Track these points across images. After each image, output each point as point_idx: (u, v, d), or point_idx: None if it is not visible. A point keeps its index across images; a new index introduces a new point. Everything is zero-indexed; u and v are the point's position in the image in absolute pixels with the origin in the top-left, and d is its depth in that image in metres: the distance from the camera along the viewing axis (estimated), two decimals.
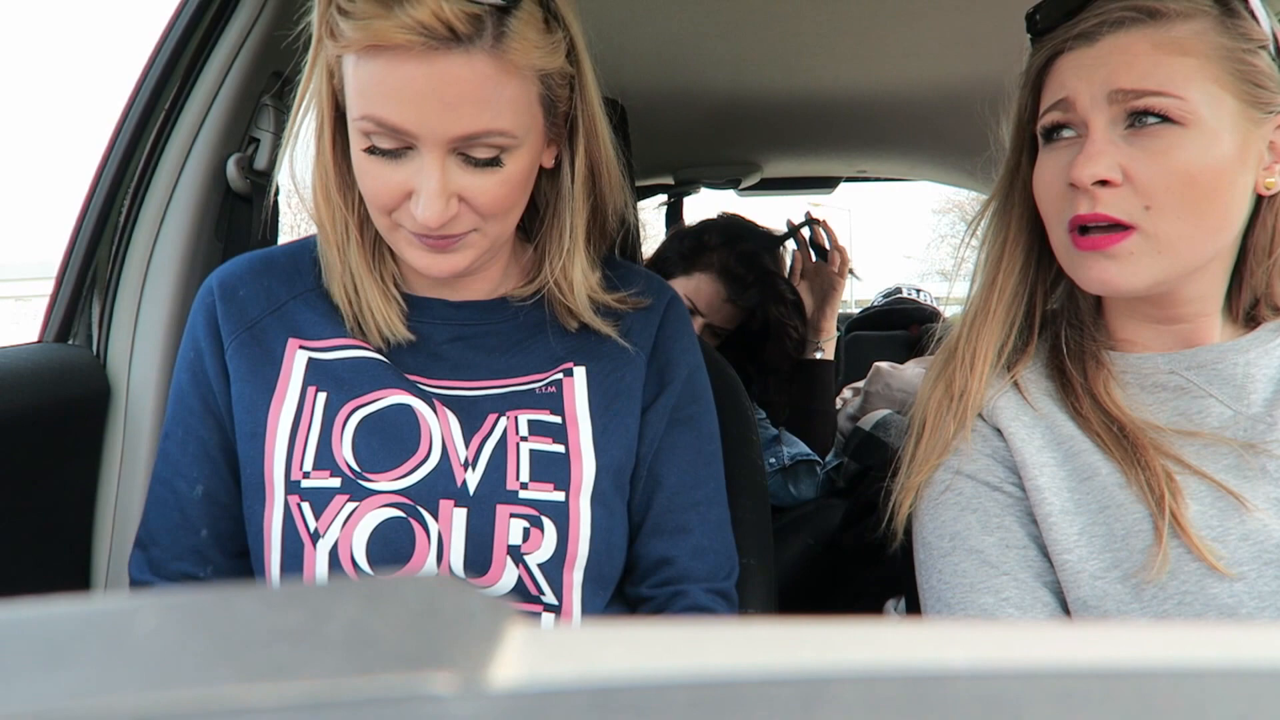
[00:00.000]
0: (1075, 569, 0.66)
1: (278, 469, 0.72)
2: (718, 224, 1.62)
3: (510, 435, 0.74)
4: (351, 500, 0.70)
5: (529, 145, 0.69)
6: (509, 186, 0.68)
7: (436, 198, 0.65)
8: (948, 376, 0.75)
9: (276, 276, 0.79)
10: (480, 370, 0.77)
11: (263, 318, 0.76)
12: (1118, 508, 0.66)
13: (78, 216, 1.04)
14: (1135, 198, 0.64)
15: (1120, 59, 0.64)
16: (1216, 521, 0.63)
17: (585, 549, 0.73)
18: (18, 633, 0.16)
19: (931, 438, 0.75)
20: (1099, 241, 0.65)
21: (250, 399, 0.74)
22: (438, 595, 0.16)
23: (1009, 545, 0.69)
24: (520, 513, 0.71)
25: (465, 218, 0.68)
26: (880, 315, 2.47)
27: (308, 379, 0.74)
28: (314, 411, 0.73)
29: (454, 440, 0.73)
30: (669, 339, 0.83)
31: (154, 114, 1.04)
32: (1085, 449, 0.69)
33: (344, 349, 0.75)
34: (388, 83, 0.63)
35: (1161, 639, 0.16)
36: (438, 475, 0.71)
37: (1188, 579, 0.62)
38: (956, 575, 0.70)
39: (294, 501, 0.71)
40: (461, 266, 0.71)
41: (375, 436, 0.72)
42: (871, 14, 1.37)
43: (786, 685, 0.14)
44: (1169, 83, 0.63)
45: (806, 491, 1.46)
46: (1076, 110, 0.67)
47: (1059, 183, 0.68)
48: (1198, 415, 0.68)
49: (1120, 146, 0.64)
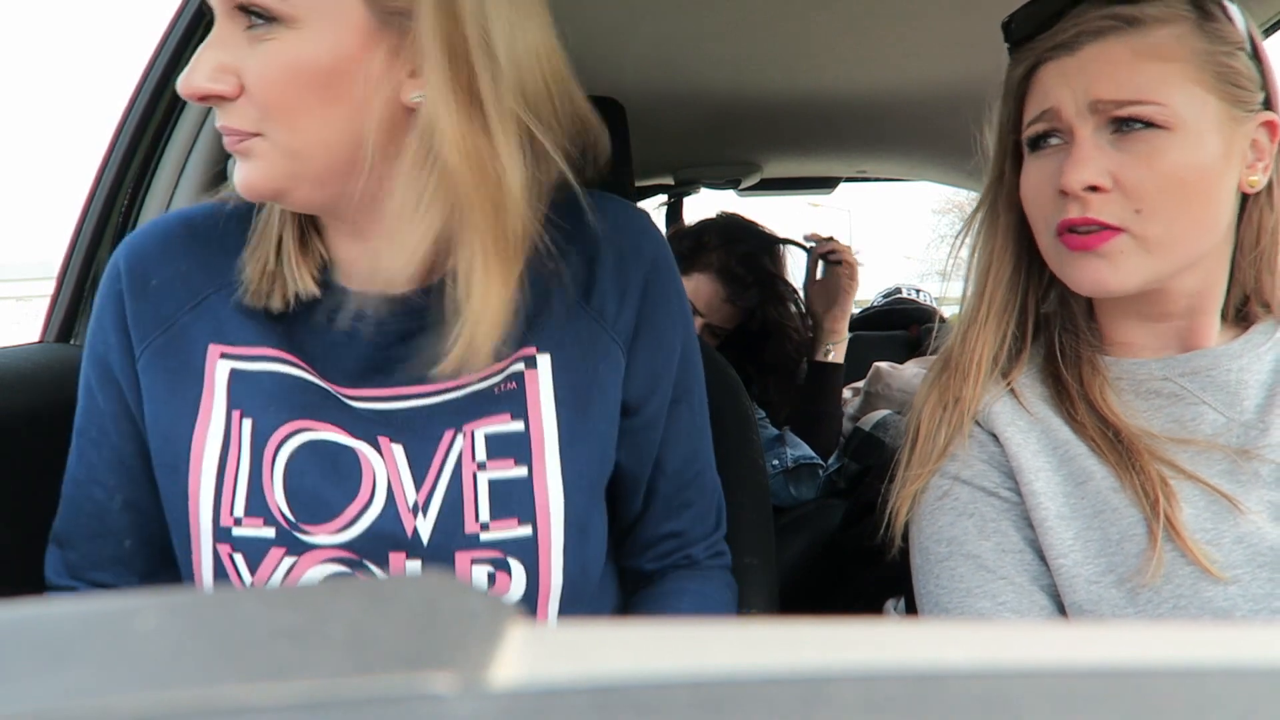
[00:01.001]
0: (1071, 573, 0.66)
1: (204, 512, 0.63)
2: (717, 224, 1.62)
3: (466, 464, 0.64)
4: (289, 554, 0.62)
5: (318, 27, 0.56)
6: (285, 72, 0.56)
7: (205, 50, 0.57)
8: (943, 383, 0.76)
9: (197, 256, 0.67)
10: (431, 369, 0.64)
11: (179, 315, 0.66)
12: (1112, 512, 0.66)
13: (79, 217, 1.04)
14: (1125, 202, 0.65)
15: (1101, 68, 0.65)
16: (1210, 525, 0.64)
17: (559, 581, 0.65)
18: (18, 633, 0.16)
19: (927, 444, 0.75)
20: (1089, 241, 0.66)
21: (168, 425, 0.65)
22: (438, 595, 0.16)
23: (1005, 550, 0.69)
24: (483, 557, 0.63)
25: (244, 107, 0.57)
26: (880, 315, 2.46)
27: (232, 400, 0.64)
28: (241, 441, 0.64)
29: (401, 481, 0.64)
30: (655, 319, 0.70)
31: (155, 114, 1.04)
32: (1080, 453, 0.69)
33: (269, 360, 0.65)
34: None
35: (1161, 639, 0.16)
36: (384, 523, 0.63)
37: (1182, 583, 0.62)
38: (953, 580, 0.70)
39: (224, 551, 0.63)
40: (258, 182, 0.59)
41: (309, 477, 0.63)
42: (871, 14, 1.37)
43: (786, 685, 0.14)
44: (1150, 90, 0.64)
45: (807, 493, 1.47)
46: (1062, 119, 0.67)
47: (1047, 189, 0.68)
48: (1191, 422, 0.69)
49: (1107, 152, 0.65)
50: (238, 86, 0.57)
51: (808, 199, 3.99)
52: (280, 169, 0.58)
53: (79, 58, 55.00)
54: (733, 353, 1.52)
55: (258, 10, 0.56)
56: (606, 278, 0.69)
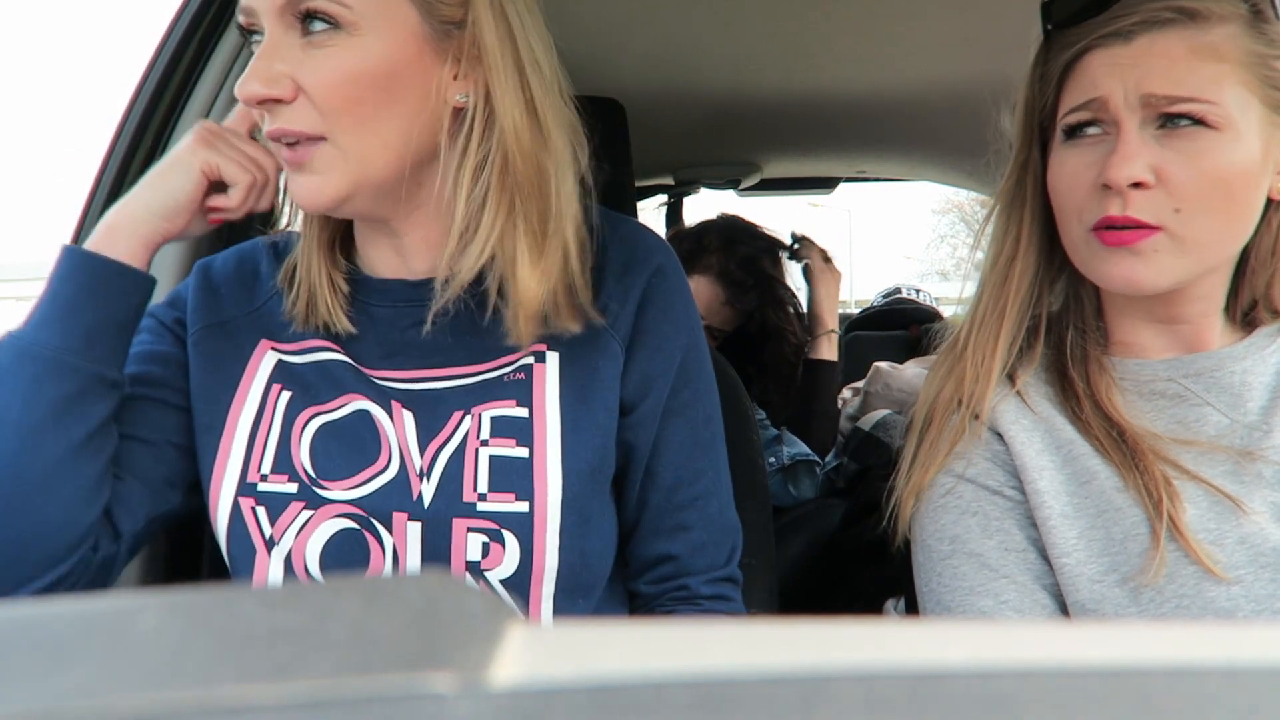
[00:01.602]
0: (1074, 572, 0.66)
1: (231, 468, 0.68)
2: (717, 225, 1.62)
3: (470, 440, 0.68)
4: (307, 508, 0.67)
5: (378, 34, 0.60)
6: (348, 76, 0.60)
7: (260, 58, 0.60)
8: (957, 376, 0.74)
9: (262, 274, 0.75)
10: (449, 355, 0.70)
11: (238, 317, 0.73)
12: (1116, 511, 0.66)
13: (78, 217, 1.04)
14: (1166, 200, 0.64)
15: (1157, 62, 0.64)
16: (1214, 525, 0.64)
17: (554, 562, 0.67)
18: (18, 633, 0.16)
19: (937, 438, 0.74)
20: (1126, 238, 0.64)
21: (211, 391, 0.71)
22: (438, 595, 0.16)
23: (1008, 549, 0.69)
24: (478, 526, 0.66)
25: (303, 110, 0.61)
26: (880, 315, 2.47)
27: (273, 379, 0.71)
28: (275, 412, 0.70)
29: (409, 447, 0.68)
30: (654, 320, 0.73)
31: (155, 114, 1.04)
32: (1084, 453, 0.69)
33: (314, 351, 0.71)
34: None
35: (1161, 639, 0.16)
36: (394, 486, 0.67)
37: (1185, 583, 0.62)
38: (956, 579, 0.70)
39: (247, 504, 0.67)
40: (326, 193, 0.63)
41: (334, 442, 0.68)
42: (871, 14, 1.37)
43: (786, 685, 0.14)
44: (1205, 89, 0.63)
45: (806, 491, 1.47)
46: (1109, 110, 0.66)
47: (1084, 181, 0.67)
48: (1195, 423, 0.68)
49: (1152, 148, 0.64)
50: (294, 90, 0.61)
51: (808, 199, 4.00)
52: (347, 175, 0.63)
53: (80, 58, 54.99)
54: (732, 354, 1.53)
55: (322, 17, 0.59)
56: (612, 279, 0.73)
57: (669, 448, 0.74)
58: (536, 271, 0.65)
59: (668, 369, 0.74)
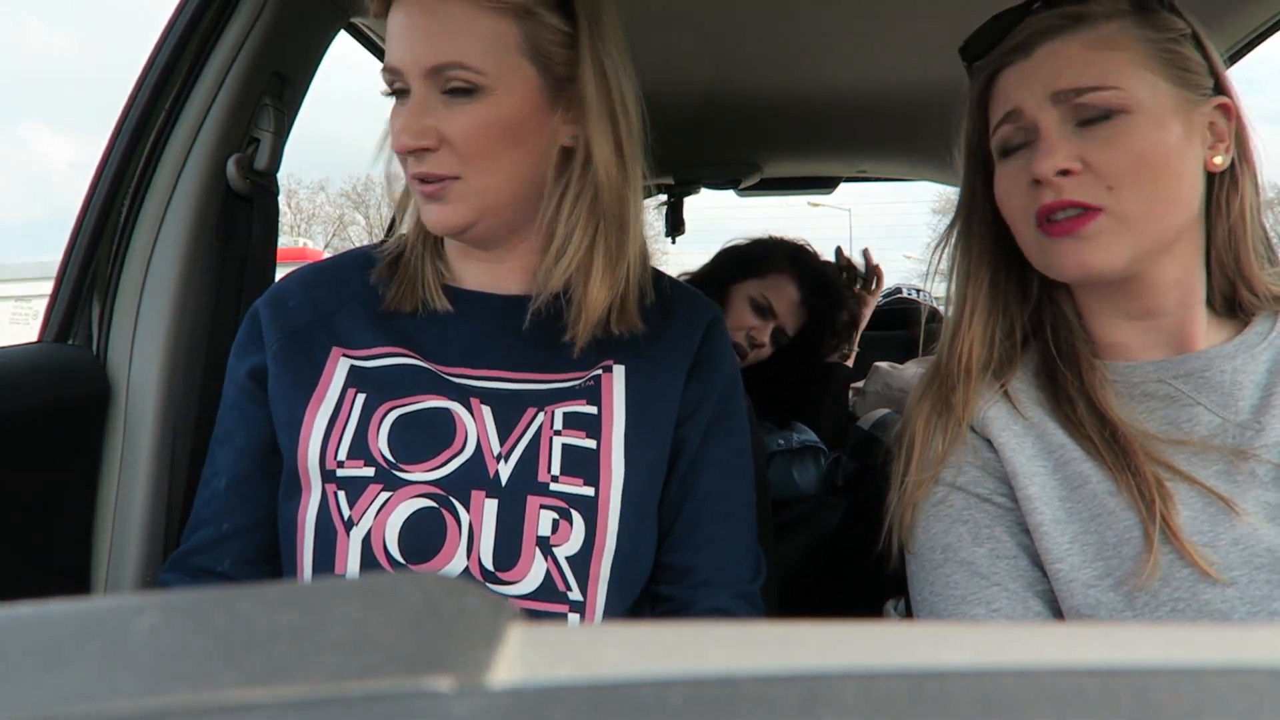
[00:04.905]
0: (1068, 578, 0.66)
1: (312, 457, 0.74)
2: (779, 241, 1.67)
3: (545, 430, 0.76)
4: (385, 490, 0.72)
5: (508, 92, 0.72)
6: (483, 128, 0.71)
7: (410, 115, 0.71)
8: (934, 393, 0.77)
9: (324, 288, 0.82)
10: (528, 364, 0.79)
11: (309, 327, 0.79)
12: (1109, 515, 0.66)
13: (78, 216, 1.04)
14: (1096, 181, 0.67)
15: (1057, 63, 0.69)
16: (1207, 527, 0.63)
17: (612, 545, 0.74)
18: (18, 633, 0.16)
19: (924, 454, 0.75)
20: (1070, 225, 0.67)
21: (289, 393, 0.77)
22: (438, 595, 0.16)
23: (999, 556, 0.69)
24: (550, 504, 0.73)
25: (445, 156, 0.72)
26: (880, 315, 2.46)
27: (348, 383, 0.77)
28: (351, 409, 0.75)
29: (488, 436, 0.75)
30: (710, 353, 0.84)
31: (154, 114, 1.04)
32: (1076, 457, 0.69)
33: (387, 357, 0.78)
34: (394, 29, 0.73)
35: (1161, 639, 0.16)
36: (471, 466, 0.73)
37: (1180, 585, 0.62)
38: (948, 587, 0.70)
39: (330, 489, 0.73)
40: (454, 221, 0.74)
41: (410, 431, 0.74)
42: (871, 14, 1.37)
43: (786, 685, 0.14)
44: (1105, 76, 0.67)
45: (808, 481, 1.48)
46: (1025, 117, 0.70)
47: (1021, 184, 0.70)
48: (1187, 424, 0.68)
49: (1073, 140, 0.68)
50: (438, 139, 0.72)
51: (808, 199, 4.00)
52: (474, 206, 0.74)
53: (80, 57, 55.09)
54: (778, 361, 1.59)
55: (462, 84, 0.71)
56: (682, 316, 0.85)
57: (706, 464, 0.82)
58: (605, 284, 0.77)
59: (715, 394, 0.83)
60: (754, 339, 1.55)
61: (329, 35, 1.21)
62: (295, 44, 1.14)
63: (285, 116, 1.15)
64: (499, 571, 0.72)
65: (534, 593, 0.72)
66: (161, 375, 1.02)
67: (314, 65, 1.20)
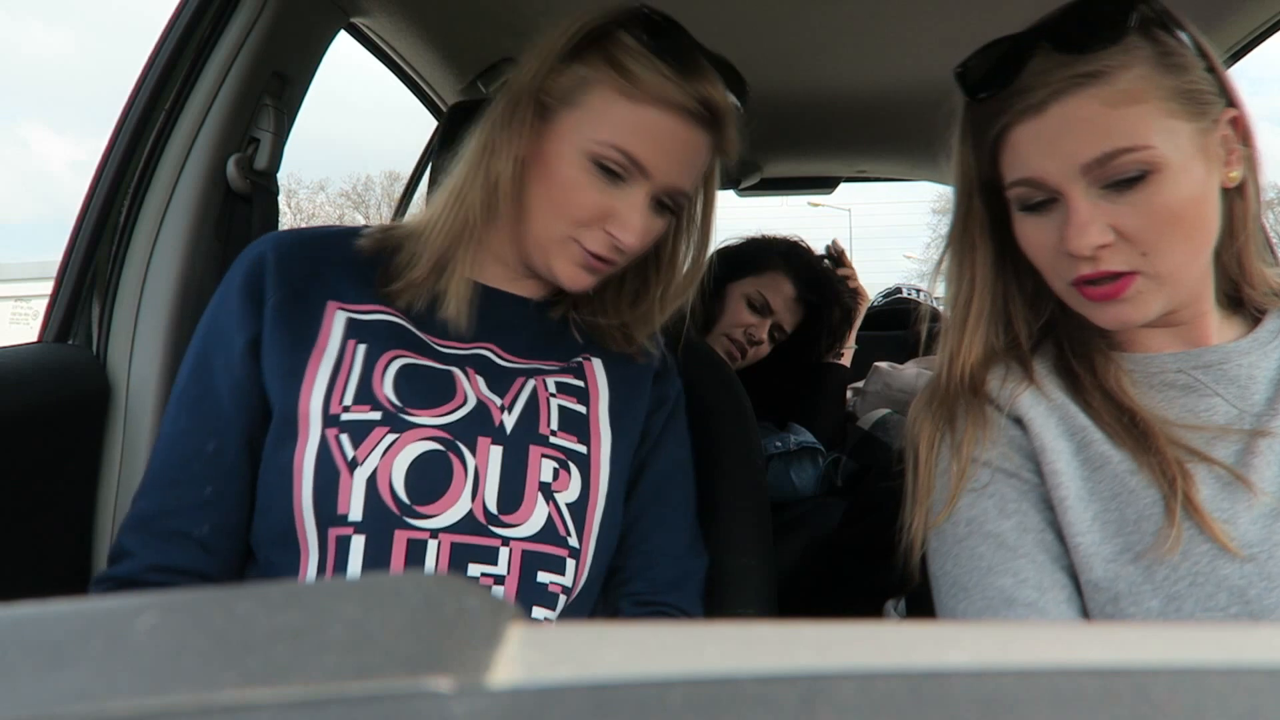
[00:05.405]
0: (1088, 552, 0.67)
1: (315, 402, 0.73)
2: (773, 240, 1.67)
3: (541, 391, 0.80)
4: (392, 432, 0.72)
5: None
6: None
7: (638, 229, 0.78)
8: (934, 410, 0.76)
9: (314, 247, 0.82)
10: (511, 347, 0.82)
11: (305, 279, 0.78)
12: (1129, 494, 0.67)
13: (78, 217, 1.04)
14: (1131, 249, 0.65)
15: (1078, 130, 0.64)
16: (1226, 504, 0.64)
17: (602, 501, 0.79)
18: (18, 633, 0.16)
19: (927, 475, 0.75)
20: (1110, 292, 0.67)
21: (289, 344, 0.75)
22: (438, 595, 0.16)
23: (1026, 529, 0.70)
24: (550, 455, 0.77)
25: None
26: (880, 315, 2.46)
27: (347, 334, 0.77)
28: (354, 360, 0.75)
29: (484, 394, 0.78)
30: (671, 362, 0.92)
31: (154, 114, 1.04)
32: (1097, 439, 0.70)
33: (378, 313, 0.79)
34: (649, 128, 0.76)
35: (1161, 639, 0.16)
36: (477, 414, 0.76)
37: (1199, 559, 0.63)
38: (974, 559, 0.70)
39: (331, 434, 0.72)
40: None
41: (417, 381, 0.75)
42: (871, 14, 1.37)
43: (786, 685, 0.14)
44: (1132, 136, 0.63)
45: (807, 482, 1.48)
46: (1048, 186, 0.67)
47: (1048, 246, 0.69)
48: (1205, 413, 0.70)
49: (1103, 207, 0.65)
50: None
51: (808, 199, 4.00)
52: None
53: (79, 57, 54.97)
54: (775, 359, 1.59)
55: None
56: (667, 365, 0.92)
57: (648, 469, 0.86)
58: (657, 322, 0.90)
59: (674, 394, 0.90)
60: (752, 336, 1.55)
61: (329, 35, 1.21)
62: (295, 44, 1.14)
63: (285, 116, 1.15)
64: (502, 515, 0.73)
65: (536, 535, 0.74)
66: (161, 375, 1.02)
67: (314, 65, 1.20)
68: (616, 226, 0.77)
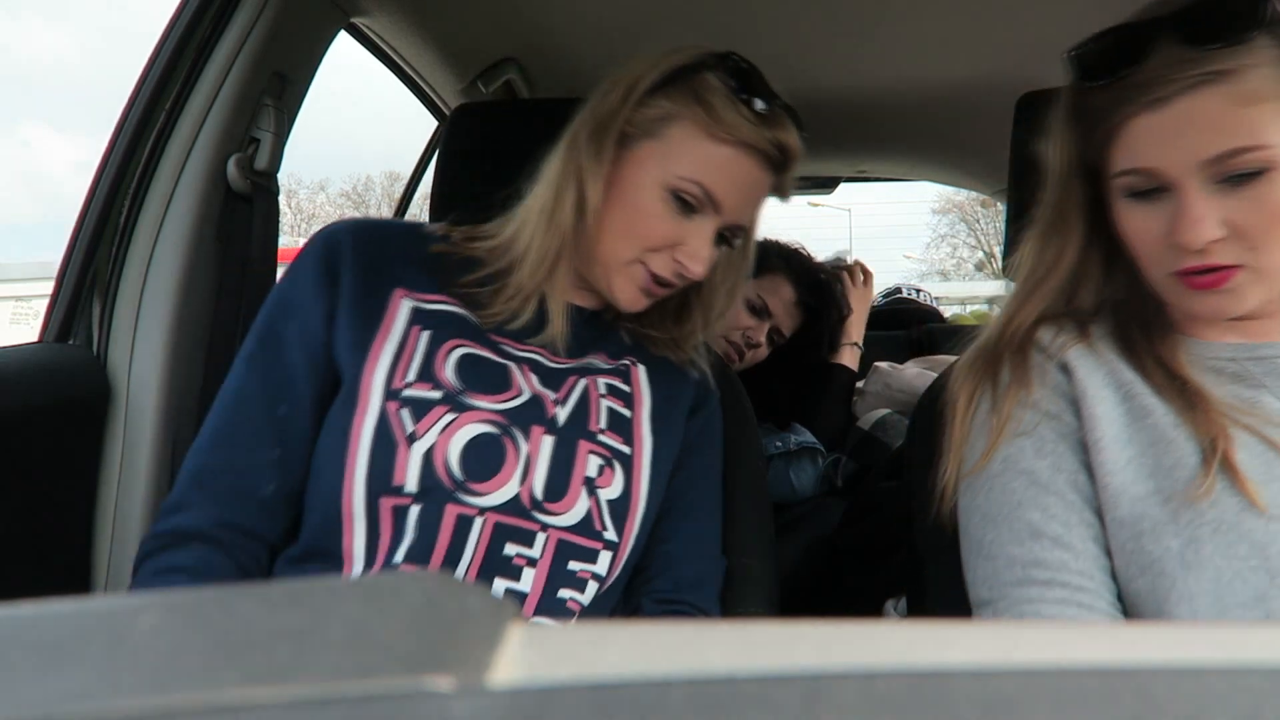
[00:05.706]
0: (1117, 490, 0.68)
1: (378, 376, 0.76)
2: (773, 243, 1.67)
3: (591, 391, 0.84)
4: (451, 411, 0.75)
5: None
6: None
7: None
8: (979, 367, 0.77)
9: (390, 237, 0.85)
10: (562, 350, 0.85)
11: (374, 264, 0.82)
12: (1168, 443, 0.68)
13: (78, 217, 1.04)
14: (1240, 244, 0.66)
15: (1202, 126, 0.64)
16: (1263, 469, 0.65)
17: (643, 501, 0.82)
18: (18, 633, 0.16)
19: (964, 424, 0.76)
20: (1213, 282, 0.67)
21: (359, 322, 0.79)
22: (438, 595, 0.16)
23: (1060, 470, 0.71)
24: (598, 451, 0.80)
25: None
26: (880, 315, 2.46)
27: (412, 321, 0.80)
28: (417, 344, 0.79)
29: (539, 389, 0.81)
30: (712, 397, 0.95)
31: (155, 114, 1.04)
32: (1143, 392, 0.71)
33: (444, 304, 0.82)
34: (727, 166, 0.80)
35: (1161, 639, 0.16)
36: (532, 405, 0.79)
37: (1226, 510, 0.64)
38: (1005, 494, 0.72)
39: (392, 408, 0.74)
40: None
41: (475, 369, 0.79)
42: (872, 14, 1.37)
43: (786, 685, 0.14)
44: (1253, 135, 0.63)
45: (806, 482, 1.48)
46: (1165, 178, 0.67)
47: (1155, 235, 0.69)
48: (1250, 402, 0.70)
49: (1217, 202, 0.65)
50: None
51: (808, 199, 4.00)
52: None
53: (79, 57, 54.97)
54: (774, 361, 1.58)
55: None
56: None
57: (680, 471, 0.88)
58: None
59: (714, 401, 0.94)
60: (750, 339, 1.55)
61: (329, 35, 1.21)
62: (295, 44, 1.14)
63: (285, 116, 1.15)
64: (546, 502, 0.76)
65: (575, 526, 0.77)
66: (161, 375, 1.02)
67: (314, 65, 1.20)
68: (685, 255, 0.81)
